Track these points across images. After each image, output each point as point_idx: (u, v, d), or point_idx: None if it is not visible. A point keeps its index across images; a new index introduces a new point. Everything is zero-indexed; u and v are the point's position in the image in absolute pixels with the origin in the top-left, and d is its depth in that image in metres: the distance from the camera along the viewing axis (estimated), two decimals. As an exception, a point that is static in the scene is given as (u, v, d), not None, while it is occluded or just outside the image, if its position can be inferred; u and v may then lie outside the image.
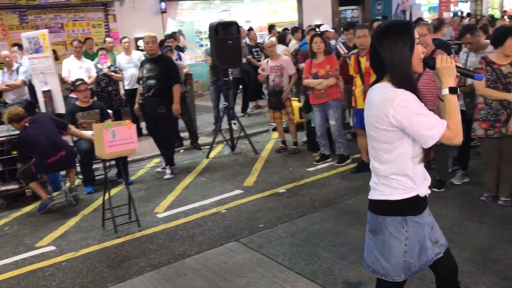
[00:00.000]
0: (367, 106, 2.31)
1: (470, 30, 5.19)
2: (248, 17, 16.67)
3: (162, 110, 6.41)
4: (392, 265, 2.28)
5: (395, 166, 2.24)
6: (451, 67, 2.21)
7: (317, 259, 4.04)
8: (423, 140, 2.16)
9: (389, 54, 2.18)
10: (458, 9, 23.14)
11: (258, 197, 5.64)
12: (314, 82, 6.36)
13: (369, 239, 2.39)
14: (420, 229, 2.30)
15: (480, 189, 5.15)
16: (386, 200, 2.28)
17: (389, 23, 2.28)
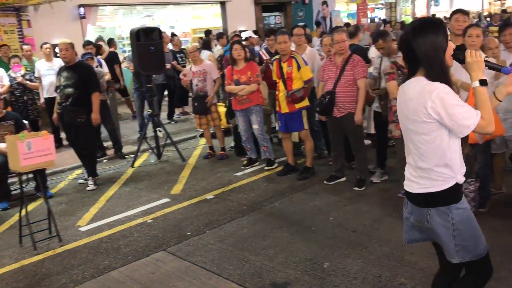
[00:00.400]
0: (403, 100, 2.41)
1: (382, 36, 5.47)
2: (171, 22, 16.52)
3: (81, 120, 6.17)
4: (445, 249, 2.44)
5: (435, 157, 2.35)
6: (480, 61, 2.34)
7: (245, 263, 4.07)
8: (460, 129, 2.28)
9: (424, 49, 2.29)
10: (375, 16, 24.35)
11: (185, 205, 5.59)
12: (236, 88, 6.42)
13: (417, 228, 2.53)
14: (466, 213, 2.42)
15: (398, 186, 5.43)
16: (429, 193, 2.38)
17: (423, 20, 2.40)
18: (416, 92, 2.31)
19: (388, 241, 4.25)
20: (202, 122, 7.38)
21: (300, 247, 4.29)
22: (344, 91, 5.48)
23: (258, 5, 17.32)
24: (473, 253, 2.42)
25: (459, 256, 2.41)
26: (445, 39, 2.33)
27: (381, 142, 5.89)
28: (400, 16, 25.21)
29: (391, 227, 4.55)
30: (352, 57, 5.51)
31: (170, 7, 15.86)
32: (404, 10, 26.06)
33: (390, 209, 4.97)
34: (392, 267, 3.82)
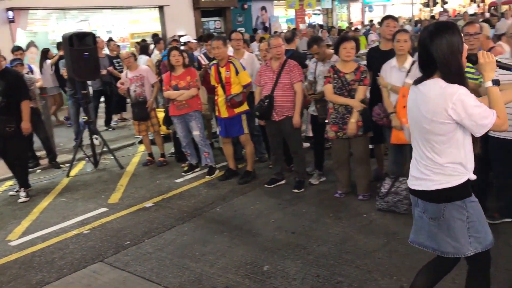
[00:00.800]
0: (420, 100, 2.46)
1: (316, 41, 5.62)
2: (108, 27, 16.12)
3: (10, 129, 5.87)
4: (461, 243, 2.50)
5: (450, 156, 2.44)
6: (492, 62, 2.44)
7: (186, 270, 4.03)
8: (478, 129, 2.37)
9: (441, 51, 2.36)
10: (313, 21, 24.93)
11: (124, 214, 5.45)
12: (175, 93, 6.35)
13: (431, 226, 2.57)
14: (477, 206, 2.53)
15: (335, 186, 5.58)
16: (445, 188, 2.47)
17: (439, 24, 2.47)
18: (436, 94, 2.39)
19: (326, 241, 4.36)
20: (141, 129, 7.25)
21: (240, 251, 4.30)
22: (282, 95, 5.57)
23: (197, 10, 17.29)
24: (483, 244, 2.54)
25: (473, 247, 2.51)
26: (461, 41, 2.41)
27: (318, 144, 6.03)
28: (337, 21, 26.01)
29: (329, 227, 4.66)
30: (287, 62, 5.61)
31: (106, 12, 15.48)
32: (340, 16, 26.91)
33: (327, 209, 5.09)
34: (329, 266, 3.91)
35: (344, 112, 5.08)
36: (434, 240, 2.60)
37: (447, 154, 2.46)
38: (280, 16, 23.03)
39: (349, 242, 4.30)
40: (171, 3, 15.95)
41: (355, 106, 4.97)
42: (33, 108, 6.93)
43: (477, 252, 2.53)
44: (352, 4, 28.05)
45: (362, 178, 5.27)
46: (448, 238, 2.53)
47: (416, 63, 4.73)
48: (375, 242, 4.26)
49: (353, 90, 5.02)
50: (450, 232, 2.52)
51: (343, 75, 5.06)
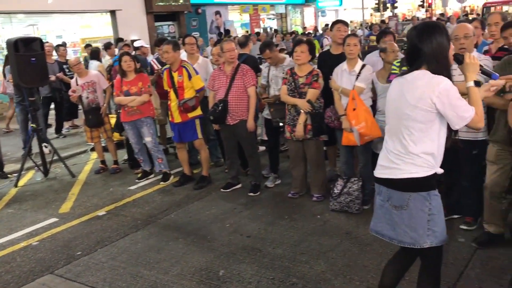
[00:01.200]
0: (406, 88, 2.56)
1: (269, 46, 5.67)
2: (59, 32, 15.68)
3: None
4: (419, 234, 2.57)
5: (424, 146, 2.53)
6: (476, 64, 2.59)
7: (140, 279, 3.96)
8: (458, 121, 2.48)
9: (431, 46, 2.50)
10: (267, 26, 25.15)
11: (75, 224, 5.30)
12: (127, 99, 6.24)
13: (393, 214, 2.63)
14: (439, 200, 2.61)
15: (290, 189, 5.63)
16: (413, 178, 2.54)
17: (427, 23, 2.64)
18: (423, 82, 2.50)
19: (281, 243, 4.39)
20: (94, 135, 7.08)
21: (196, 257, 4.27)
22: (236, 99, 5.58)
23: (150, 14, 17.07)
24: (439, 239, 2.62)
25: (429, 240, 2.59)
26: (448, 39, 2.56)
27: (272, 148, 6.08)
28: (291, 26, 26.33)
29: (284, 229, 4.69)
30: (240, 66, 5.63)
31: (56, 16, 15.03)
32: (294, 21, 27.26)
33: (283, 211, 5.13)
34: (284, 268, 3.94)
35: (294, 114, 5.15)
36: (393, 230, 2.67)
37: (422, 143, 2.54)
38: (234, 20, 23.11)
39: (303, 244, 4.34)
40: (123, 8, 15.69)
41: (301, 107, 5.03)
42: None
43: (433, 245, 2.61)
44: (306, 9, 28.49)
45: (316, 179, 5.35)
46: (407, 228, 2.61)
47: (366, 67, 4.88)
48: (329, 242, 4.33)
49: (304, 93, 5.09)
50: (411, 222, 2.59)
51: (297, 78, 5.12)
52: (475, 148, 4.16)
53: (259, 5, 23.42)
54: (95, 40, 15.58)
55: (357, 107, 4.77)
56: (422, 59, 2.55)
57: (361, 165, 5.08)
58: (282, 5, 26.02)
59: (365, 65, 4.96)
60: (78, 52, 15.85)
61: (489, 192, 3.94)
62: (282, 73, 5.56)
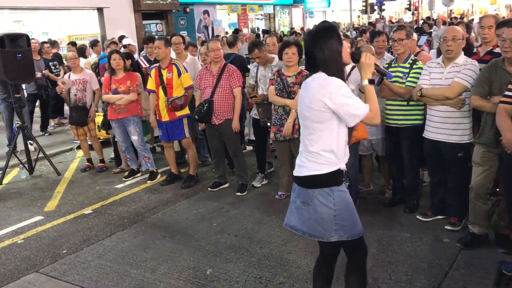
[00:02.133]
0: (304, 91, 2.67)
1: (258, 45, 5.67)
2: (45, 28, 15.49)
3: None
4: (325, 228, 2.65)
5: (324, 143, 2.62)
6: (371, 64, 2.69)
7: (126, 277, 3.94)
8: (351, 119, 2.58)
9: (321, 51, 2.59)
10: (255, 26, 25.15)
11: (61, 222, 5.25)
12: (115, 97, 6.20)
13: (303, 210, 2.72)
14: (346, 195, 2.69)
15: (277, 189, 5.66)
16: (314, 175, 2.64)
17: (319, 27, 2.69)
18: (317, 83, 2.59)
19: (268, 243, 4.40)
20: (80, 133, 7.02)
21: (183, 256, 4.26)
22: (221, 99, 5.58)
23: (138, 12, 16.97)
24: (350, 233, 2.69)
25: (338, 235, 2.67)
26: (339, 41, 2.62)
27: (259, 148, 6.09)
28: (279, 27, 26.37)
29: (271, 228, 4.71)
30: (227, 67, 5.62)
31: (42, 12, 14.85)
32: (282, 21, 27.32)
33: (269, 211, 5.15)
34: (272, 267, 3.95)
35: (282, 113, 5.17)
36: (304, 224, 2.76)
37: (321, 141, 2.63)
38: (223, 20, 23.08)
39: (290, 243, 4.36)
40: (110, 5, 15.57)
41: (292, 106, 5.05)
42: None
43: (343, 239, 2.69)
44: (294, 9, 28.57)
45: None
46: (315, 223, 2.69)
47: (356, 68, 4.91)
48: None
49: (293, 92, 5.10)
50: (317, 217, 2.68)
51: (285, 78, 5.14)
52: (460, 150, 4.22)
53: (247, 5, 23.43)
54: (82, 38, 15.45)
55: (345, 108, 4.80)
56: (317, 63, 2.63)
57: (348, 166, 5.09)
58: (271, 5, 26.06)
59: (355, 66, 4.99)
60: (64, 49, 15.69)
61: (474, 193, 4.00)
62: (270, 73, 5.57)
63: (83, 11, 15.90)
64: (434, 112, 4.32)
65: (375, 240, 4.33)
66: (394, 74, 4.64)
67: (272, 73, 5.39)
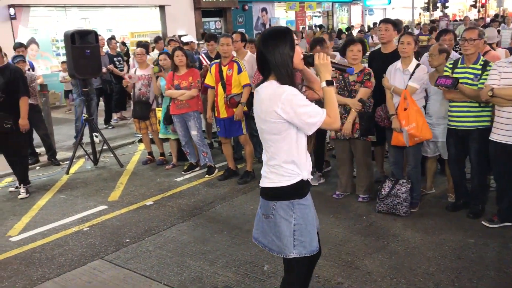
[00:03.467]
0: (257, 102, 2.54)
1: (319, 42, 5.62)
2: (109, 25, 16.10)
3: (8, 125, 5.85)
4: (284, 243, 2.54)
5: (283, 154, 2.51)
6: (327, 64, 2.54)
7: (186, 269, 4.04)
8: (308, 127, 2.44)
9: (273, 55, 2.46)
10: (313, 23, 24.97)
11: (123, 212, 5.46)
12: (177, 93, 6.36)
13: (263, 222, 2.64)
14: (307, 210, 2.58)
15: (334, 188, 5.60)
16: (275, 187, 2.54)
17: (271, 30, 2.58)
18: (268, 94, 2.46)
19: (326, 242, 4.35)
20: (142, 126, 7.25)
21: (240, 250, 4.31)
22: None
23: (198, 10, 17.30)
24: (308, 249, 2.58)
25: (296, 251, 2.56)
26: (291, 46, 2.49)
27: (318, 146, 6.04)
28: (337, 24, 26.05)
29: (329, 228, 4.67)
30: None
31: (107, 10, 15.46)
32: (340, 19, 26.96)
33: (326, 210, 5.10)
34: (329, 267, 3.92)
35: (342, 112, 5.09)
36: (265, 237, 2.66)
37: (281, 153, 2.52)
38: (280, 17, 23.08)
39: (349, 244, 4.31)
40: (172, 3, 15.96)
41: (352, 106, 4.98)
42: (34, 105, 6.95)
43: (301, 256, 2.57)
44: (353, 7, 28.12)
45: (362, 180, 5.29)
46: (274, 237, 2.59)
47: (420, 66, 4.78)
48: (375, 244, 4.28)
49: (354, 91, 5.03)
50: (276, 231, 2.57)
51: (347, 76, 5.07)
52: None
53: (305, 3, 23.29)
54: (144, 34, 15.94)
55: (409, 107, 4.68)
56: (269, 68, 2.51)
57: (410, 167, 4.98)
58: (329, 2, 25.77)
59: (420, 64, 4.86)
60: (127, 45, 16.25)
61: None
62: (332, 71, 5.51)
63: (145, 8, 16.39)
64: (504, 113, 4.13)
65: (437, 244, 4.20)
66: (463, 75, 4.46)
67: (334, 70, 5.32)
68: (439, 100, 4.85)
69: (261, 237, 2.68)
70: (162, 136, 7.07)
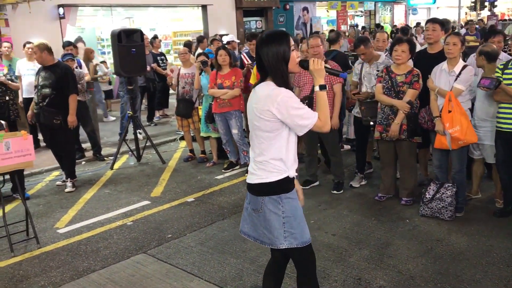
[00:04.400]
0: (254, 100, 2.65)
1: (364, 41, 5.54)
2: (152, 25, 16.43)
3: (57, 121, 6.06)
4: (275, 235, 2.67)
5: (273, 152, 2.62)
6: (321, 69, 2.65)
7: (226, 266, 4.07)
8: (299, 128, 2.59)
9: (269, 58, 2.57)
10: (354, 23, 24.66)
11: (166, 207, 5.56)
12: (219, 92, 6.42)
13: (253, 217, 2.75)
14: (295, 203, 2.70)
15: (376, 190, 5.52)
16: (263, 183, 2.65)
17: (269, 33, 2.67)
18: (264, 94, 2.57)
19: (368, 244, 4.31)
20: (184, 124, 7.36)
21: (280, 250, 4.31)
22: None
23: (239, 9, 17.39)
24: (299, 240, 2.68)
25: (287, 242, 2.67)
26: (287, 49, 2.58)
27: (360, 147, 5.97)
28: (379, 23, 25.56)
29: (371, 230, 4.61)
30: (327, 63, 5.55)
31: (150, 9, 15.77)
32: (383, 18, 26.50)
33: (368, 212, 5.04)
34: (371, 270, 3.87)
35: (389, 113, 5.01)
36: (256, 231, 2.78)
37: (271, 150, 2.62)
38: (321, 17, 22.90)
39: (391, 247, 4.24)
40: (214, 2, 16.11)
41: (400, 107, 4.89)
42: (81, 101, 7.16)
43: (292, 247, 2.67)
44: (396, 6, 27.58)
45: (406, 183, 5.19)
46: (265, 230, 2.70)
47: (467, 68, 4.64)
48: (418, 248, 4.19)
49: (402, 92, 4.93)
50: (266, 224, 2.68)
51: (395, 76, 4.98)
52: None
53: (347, 2, 23.03)
54: (186, 34, 16.16)
55: (453, 109, 4.56)
56: (266, 69, 2.60)
57: (454, 171, 4.85)
58: (372, 2, 25.38)
59: (467, 66, 4.72)
60: (169, 44, 16.54)
61: None
62: (376, 71, 5.44)
63: (188, 8, 16.61)
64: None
65: (484, 251, 4.07)
66: None
67: (380, 69, 5.24)
68: (486, 101, 4.70)
69: (251, 231, 2.82)
70: (203, 135, 7.17)
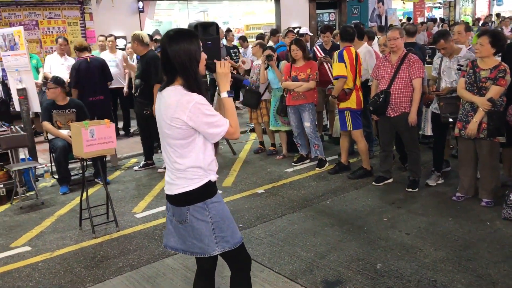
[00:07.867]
0: (162, 106, 2.48)
1: (444, 35, 5.28)
2: (225, 18, 16.68)
3: (146, 112, 6.32)
4: (205, 243, 2.56)
5: (190, 159, 2.50)
6: (228, 73, 2.58)
7: (296, 259, 4.08)
8: (212, 137, 2.49)
9: (181, 57, 2.41)
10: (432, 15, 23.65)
11: (237, 198, 5.65)
12: (294, 84, 6.41)
13: (180, 228, 2.62)
14: (221, 206, 2.61)
15: (454, 190, 5.29)
16: (185, 192, 2.52)
17: (177, 31, 2.51)
18: (175, 100, 2.40)
19: (444, 246, 4.14)
20: (253, 116, 7.44)
21: (352, 246, 4.25)
22: (399, 90, 5.37)
23: (312, 1, 17.20)
24: (231, 243, 2.60)
25: (220, 248, 2.56)
26: (198, 49, 2.46)
27: (438, 144, 5.73)
28: (459, 16, 24.37)
29: (447, 231, 4.42)
30: (408, 56, 5.37)
31: (224, 3, 16.02)
32: (463, 10, 25.17)
33: (445, 212, 4.84)
34: (448, 272, 3.71)
35: (469, 110, 4.76)
36: (184, 243, 2.63)
37: (188, 158, 2.49)
38: (397, 9, 22.15)
39: (470, 250, 4.04)
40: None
41: (480, 105, 4.62)
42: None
43: (226, 251, 2.58)
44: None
45: (486, 183, 4.92)
46: (194, 240, 2.57)
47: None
48: (501, 252, 3.97)
49: (484, 88, 4.67)
50: (195, 234, 2.56)
51: (479, 70, 4.72)
52: None
53: (425, -7, 22.11)
54: (259, 27, 16.26)
55: (545, 107, 4.25)
56: (175, 70, 2.43)
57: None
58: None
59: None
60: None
61: None
62: (456, 65, 5.18)
63: (261, 1, 16.68)
64: None
65: None
66: None
67: (461, 63, 4.99)
68: None
69: (178, 244, 2.66)
70: (272, 128, 7.20)
